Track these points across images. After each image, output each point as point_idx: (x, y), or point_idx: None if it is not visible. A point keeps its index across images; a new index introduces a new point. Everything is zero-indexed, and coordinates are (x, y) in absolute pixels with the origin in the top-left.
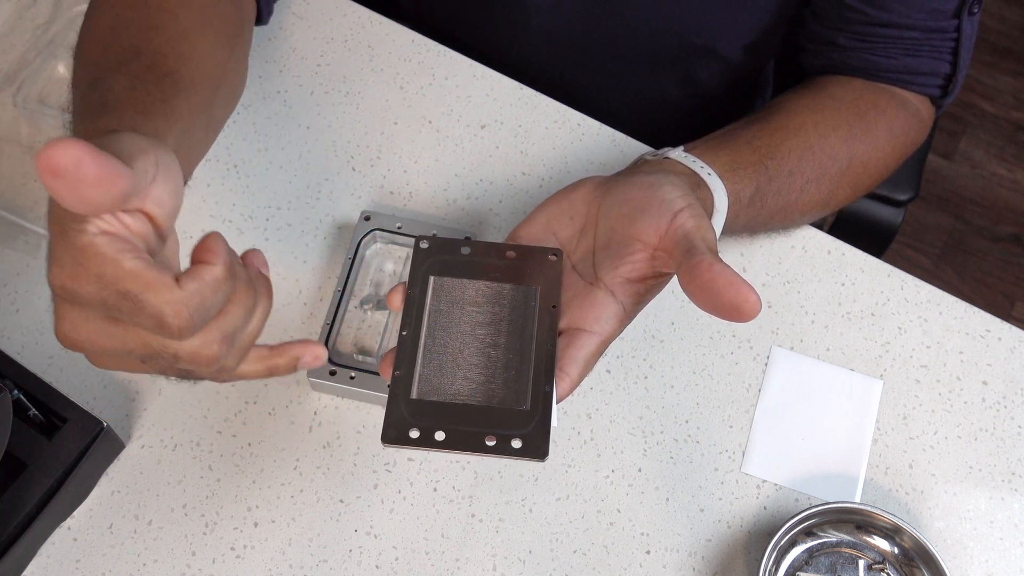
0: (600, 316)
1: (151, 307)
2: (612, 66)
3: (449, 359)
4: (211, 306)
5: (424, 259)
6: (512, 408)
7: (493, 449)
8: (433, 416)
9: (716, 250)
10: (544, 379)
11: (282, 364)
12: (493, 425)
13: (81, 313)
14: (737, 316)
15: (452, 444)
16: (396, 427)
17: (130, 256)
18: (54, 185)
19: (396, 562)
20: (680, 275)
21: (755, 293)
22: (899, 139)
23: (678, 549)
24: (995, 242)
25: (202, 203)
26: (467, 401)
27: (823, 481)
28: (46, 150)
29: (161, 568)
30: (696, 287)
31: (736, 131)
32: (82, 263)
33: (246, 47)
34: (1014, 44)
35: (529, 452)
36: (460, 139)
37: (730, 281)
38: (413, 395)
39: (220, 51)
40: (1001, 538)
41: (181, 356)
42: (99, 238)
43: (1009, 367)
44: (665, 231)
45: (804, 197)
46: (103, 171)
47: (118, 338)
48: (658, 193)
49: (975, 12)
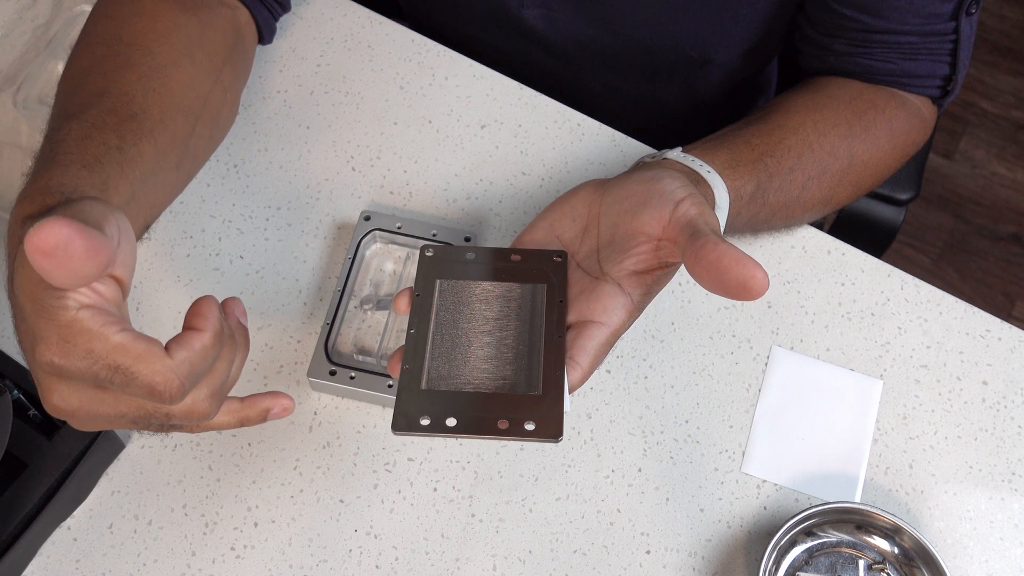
0: (608, 307)
1: (142, 378)
2: (610, 77)
3: (458, 351)
4: (200, 372)
5: (430, 266)
6: (524, 394)
7: (506, 432)
8: (444, 404)
9: (720, 233)
10: (555, 366)
11: (252, 416)
12: (505, 410)
13: (69, 385)
14: (745, 293)
15: (464, 429)
16: (406, 415)
17: (115, 329)
18: (45, 264)
19: (396, 562)
20: (686, 259)
21: (762, 269)
22: (899, 138)
23: (678, 549)
24: (995, 242)
25: (202, 203)
26: (478, 389)
27: (823, 481)
28: (35, 233)
29: (161, 568)
30: (702, 268)
31: (734, 131)
32: (69, 340)
33: (237, 73)
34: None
35: (543, 433)
36: (460, 139)
37: (736, 259)
38: (423, 386)
39: (201, 83)
40: (1001, 538)
41: (174, 415)
42: (82, 313)
43: (1009, 367)
44: (668, 221)
45: (806, 194)
46: (90, 245)
47: (110, 404)
48: (658, 186)
49: (973, 12)
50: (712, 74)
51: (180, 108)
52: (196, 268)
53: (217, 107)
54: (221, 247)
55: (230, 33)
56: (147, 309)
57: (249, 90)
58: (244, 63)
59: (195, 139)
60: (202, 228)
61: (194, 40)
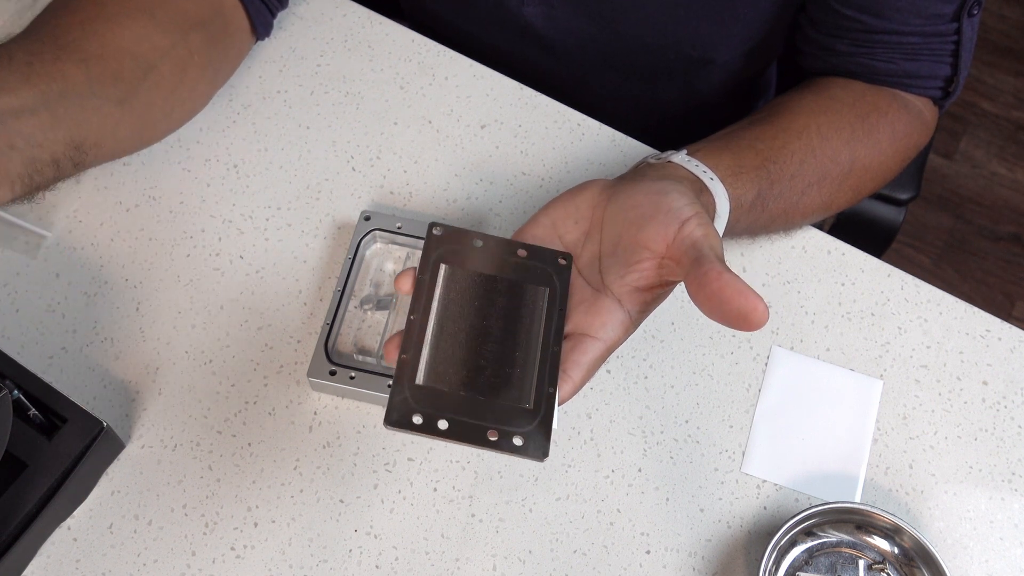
0: (606, 323)
1: None
2: (610, 77)
3: (456, 349)
4: None
5: (436, 246)
6: (515, 405)
7: (494, 444)
8: (437, 404)
9: (724, 259)
10: (548, 380)
11: None
12: (495, 420)
13: None
14: (745, 325)
15: (454, 434)
16: (399, 411)
17: None
18: None
19: (396, 562)
20: (688, 284)
21: (763, 302)
22: (901, 141)
23: (678, 549)
24: (995, 242)
25: (202, 203)
26: (471, 393)
27: (823, 481)
28: None
29: (161, 568)
30: (704, 296)
31: (739, 132)
32: None
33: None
34: (1015, 43)
35: (529, 451)
36: (460, 139)
37: (739, 290)
38: (419, 381)
39: (158, 37)
40: (1001, 538)
41: None
42: None
43: (1009, 367)
44: (673, 239)
45: (805, 200)
46: None
47: None
48: (665, 200)
49: (975, 14)
50: (713, 74)
51: (127, 51)
52: (196, 268)
53: (181, 65)
54: (221, 247)
55: (206, 5)
56: (147, 309)
57: (249, 90)
58: (224, 39)
59: (149, 87)
60: (202, 228)
61: (156, 1)
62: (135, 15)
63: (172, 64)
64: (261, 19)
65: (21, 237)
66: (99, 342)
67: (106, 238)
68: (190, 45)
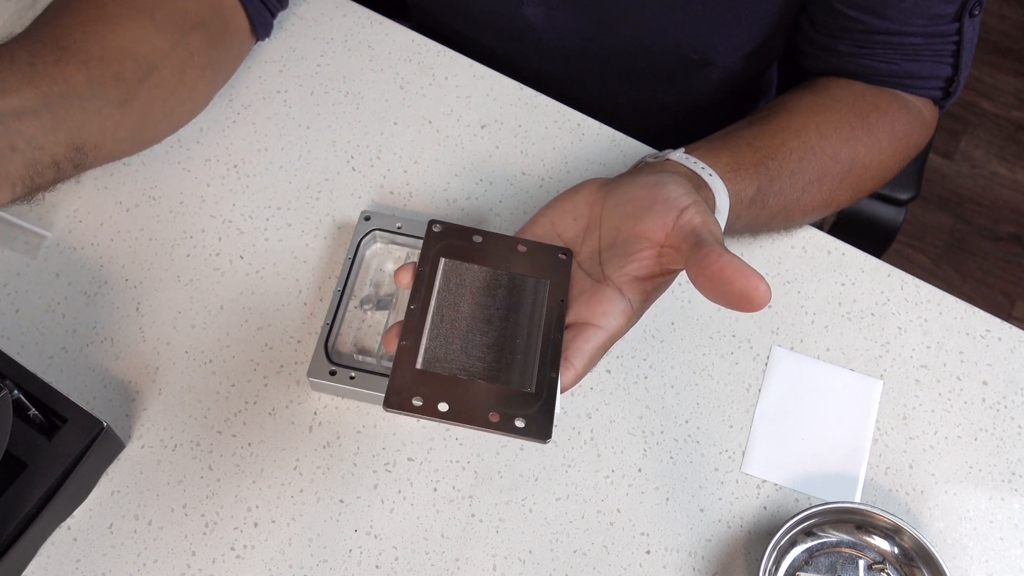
0: (608, 312)
1: None
2: (610, 78)
3: (456, 335)
4: None
5: (436, 241)
6: (517, 389)
7: (496, 426)
8: (437, 387)
9: (723, 243)
10: (550, 366)
11: None
12: (497, 403)
13: None
14: (747, 305)
15: (455, 416)
16: (399, 393)
17: None
18: None
19: (396, 562)
20: (689, 268)
21: (765, 282)
22: (901, 141)
23: (678, 549)
24: (995, 242)
25: (202, 203)
26: (472, 377)
27: (823, 481)
28: None
29: (161, 568)
30: (705, 278)
31: (737, 132)
32: None
33: (212, 44)
34: (1015, 43)
35: (532, 433)
36: (460, 139)
37: (740, 270)
38: (418, 365)
39: (158, 39)
40: (1001, 538)
41: None
42: None
43: (1009, 367)
44: (671, 228)
45: (805, 198)
46: None
47: None
48: (662, 191)
49: (976, 14)
50: (713, 76)
51: (128, 52)
52: (196, 268)
53: (181, 66)
54: (221, 247)
55: (206, 5)
56: (147, 309)
57: (249, 90)
58: (224, 40)
59: (150, 88)
60: (202, 228)
61: (156, 2)
62: (135, 16)
63: (172, 65)
64: (261, 19)
65: (21, 237)
66: (99, 342)
67: (106, 238)
68: (190, 46)
